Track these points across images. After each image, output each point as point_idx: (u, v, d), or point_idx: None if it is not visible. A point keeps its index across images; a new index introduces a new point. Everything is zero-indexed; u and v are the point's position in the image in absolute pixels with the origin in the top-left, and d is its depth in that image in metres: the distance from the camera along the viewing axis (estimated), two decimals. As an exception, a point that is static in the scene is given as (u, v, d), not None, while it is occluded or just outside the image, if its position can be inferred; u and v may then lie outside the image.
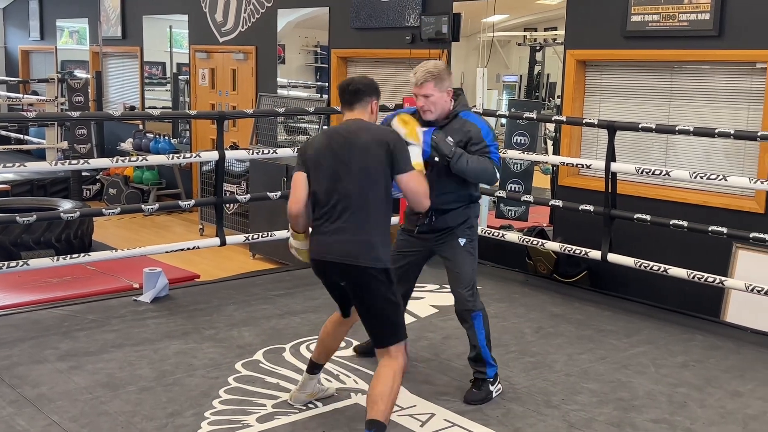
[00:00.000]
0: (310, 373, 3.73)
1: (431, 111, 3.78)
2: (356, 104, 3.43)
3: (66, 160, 5.85)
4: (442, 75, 3.78)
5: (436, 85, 3.75)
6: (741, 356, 4.57)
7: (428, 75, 3.75)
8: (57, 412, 3.61)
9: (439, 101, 3.78)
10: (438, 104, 3.78)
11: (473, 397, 3.83)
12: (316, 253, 3.37)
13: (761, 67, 5.11)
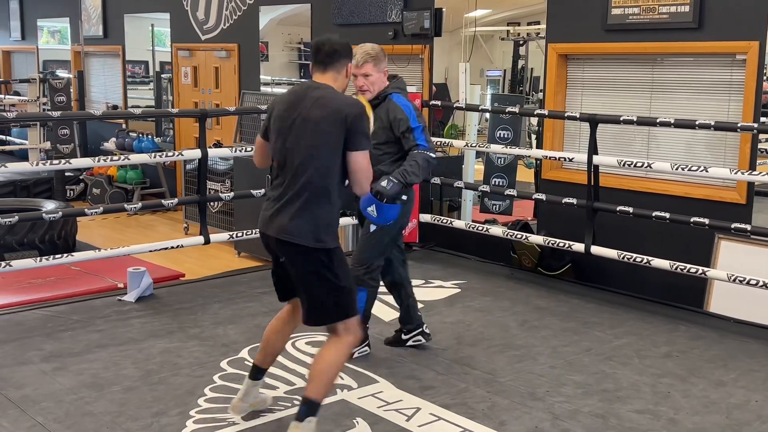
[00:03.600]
0: (254, 379, 3.53)
1: (370, 90, 4.04)
2: (330, 67, 3.30)
3: (48, 161, 5.81)
4: (379, 56, 4.05)
5: (375, 65, 4.02)
6: (724, 346, 4.60)
7: (367, 56, 4.00)
8: (41, 413, 3.59)
9: (377, 81, 4.05)
10: (376, 84, 4.05)
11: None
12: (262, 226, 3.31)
13: (741, 59, 5.14)
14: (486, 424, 3.56)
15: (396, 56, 7.14)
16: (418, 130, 4.04)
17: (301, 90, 3.30)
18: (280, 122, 3.26)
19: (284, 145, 3.22)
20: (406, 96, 4.15)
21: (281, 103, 3.30)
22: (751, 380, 4.11)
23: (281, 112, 3.27)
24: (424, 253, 6.59)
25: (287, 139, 3.21)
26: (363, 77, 4.01)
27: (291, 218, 3.17)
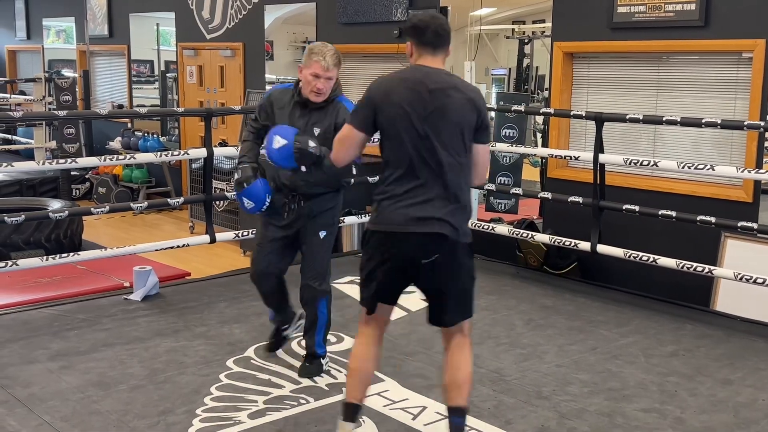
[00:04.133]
0: (352, 421, 3.09)
1: (325, 94, 3.78)
2: (439, 50, 2.96)
3: (54, 160, 5.82)
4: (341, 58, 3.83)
5: (338, 68, 3.82)
6: (731, 344, 4.59)
7: (337, 59, 3.76)
8: (48, 412, 3.60)
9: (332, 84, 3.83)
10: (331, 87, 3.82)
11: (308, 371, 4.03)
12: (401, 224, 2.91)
13: (747, 57, 5.13)
14: (492, 423, 3.56)
15: (401, 55, 7.13)
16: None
17: (420, 77, 2.93)
18: (405, 114, 2.88)
19: (419, 138, 2.88)
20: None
21: (396, 94, 2.90)
22: (758, 379, 4.10)
23: (404, 104, 2.88)
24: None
25: (424, 131, 2.88)
26: (327, 81, 3.72)
27: (446, 213, 2.91)
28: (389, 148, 2.95)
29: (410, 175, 2.91)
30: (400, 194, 2.92)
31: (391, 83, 2.96)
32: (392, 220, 2.93)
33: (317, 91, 3.73)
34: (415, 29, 2.97)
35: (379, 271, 3.00)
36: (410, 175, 2.91)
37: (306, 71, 3.72)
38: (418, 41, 2.96)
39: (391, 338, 4.60)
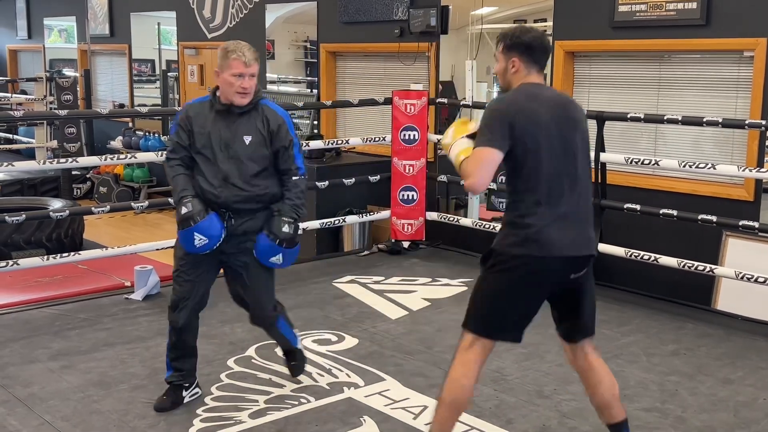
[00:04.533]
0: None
1: (251, 94, 3.43)
2: (543, 67, 2.97)
3: (55, 159, 5.82)
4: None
5: (258, 64, 3.46)
6: (732, 344, 4.59)
7: (255, 54, 3.44)
8: (49, 411, 3.60)
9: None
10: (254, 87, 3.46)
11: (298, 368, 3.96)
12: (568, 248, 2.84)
13: (748, 56, 5.12)
14: (493, 423, 3.55)
15: (402, 54, 7.13)
16: (298, 146, 3.53)
17: (549, 95, 2.95)
18: (544, 132, 2.81)
19: (563, 155, 2.84)
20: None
21: (534, 111, 2.82)
22: (758, 378, 4.10)
23: (537, 120, 2.82)
24: (430, 251, 6.58)
25: (565, 148, 2.85)
26: (251, 78, 3.39)
27: (590, 230, 2.92)
28: (531, 166, 2.81)
29: (555, 193, 2.83)
30: (549, 214, 2.82)
31: (525, 101, 2.86)
32: (547, 243, 2.80)
33: (243, 91, 3.36)
34: (527, 47, 2.92)
35: (527, 299, 2.89)
36: (555, 193, 2.83)
37: (226, 73, 3.36)
38: (529, 58, 2.92)
39: (392, 337, 4.61)
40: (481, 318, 2.91)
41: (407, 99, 6.40)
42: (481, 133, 2.83)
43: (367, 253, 6.54)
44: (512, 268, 2.84)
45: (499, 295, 2.88)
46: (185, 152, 3.48)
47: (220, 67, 3.39)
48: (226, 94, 3.40)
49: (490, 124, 2.82)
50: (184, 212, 3.39)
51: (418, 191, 6.48)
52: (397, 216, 6.53)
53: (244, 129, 3.42)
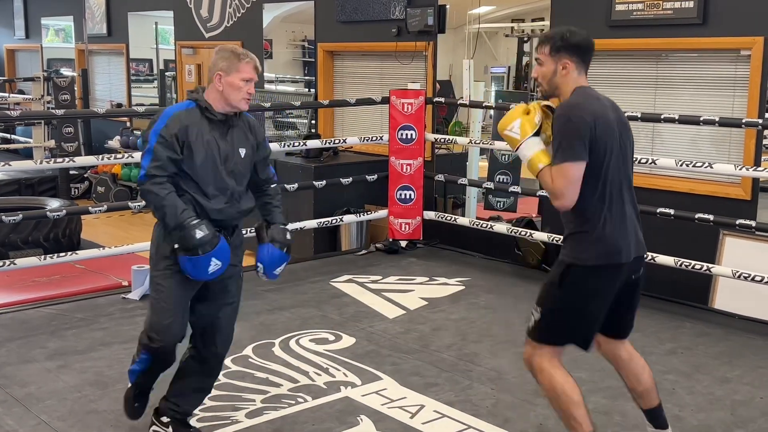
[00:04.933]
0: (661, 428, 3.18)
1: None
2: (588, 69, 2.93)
3: (52, 159, 5.81)
4: None
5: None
6: (729, 342, 4.59)
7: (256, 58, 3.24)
8: (46, 411, 3.60)
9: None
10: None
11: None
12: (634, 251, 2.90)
13: (745, 54, 5.12)
14: (490, 422, 3.56)
15: (400, 53, 7.13)
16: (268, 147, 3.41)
17: (605, 99, 2.94)
18: (614, 137, 2.82)
19: (623, 160, 2.87)
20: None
21: (603, 117, 2.81)
22: (756, 377, 4.10)
23: (611, 127, 2.82)
24: (428, 251, 6.58)
25: (624, 153, 2.88)
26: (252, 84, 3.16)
27: (640, 232, 2.98)
28: (603, 174, 2.79)
29: (620, 199, 2.86)
30: (617, 221, 2.84)
31: (599, 107, 2.82)
32: (622, 250, 2.85)
33: (248, 97, 3.14)
34: (579, 48, 2.87)
35: (596, 306, 2.90)
36: (620, 199, 2.86)
37: (234, 77, 3.09)
38: (581, 59, 2.88)
39: (389, 337, 4.61)
40: (558, 329, 2.93)
41: (404, 98, 6.40)
42: (564, 146, 2.74)
43: (365, 253, 6.54)
44: (588, 279, 2.86)
45: (576, 306, 2.90)
46: (174, 169, 3.07)
47: (225, 69, 3.10)
48: (228, 99, 3.11)
49: (572, 134, 2.74)
50: (200, 236, 3.02)
51: (416, 190, 6.48)
52: (394, 215, 6.53)
53: (239, 141, 3.20)
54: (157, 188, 3.05)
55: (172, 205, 3.05)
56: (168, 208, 3.05)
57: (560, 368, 2.91)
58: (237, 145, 3.18)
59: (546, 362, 2.91)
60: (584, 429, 2.88)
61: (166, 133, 3.03)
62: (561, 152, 2.75)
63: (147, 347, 3.20)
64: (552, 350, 2.92)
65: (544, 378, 2.92)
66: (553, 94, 2.94)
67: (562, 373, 2.90)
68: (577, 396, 2.88)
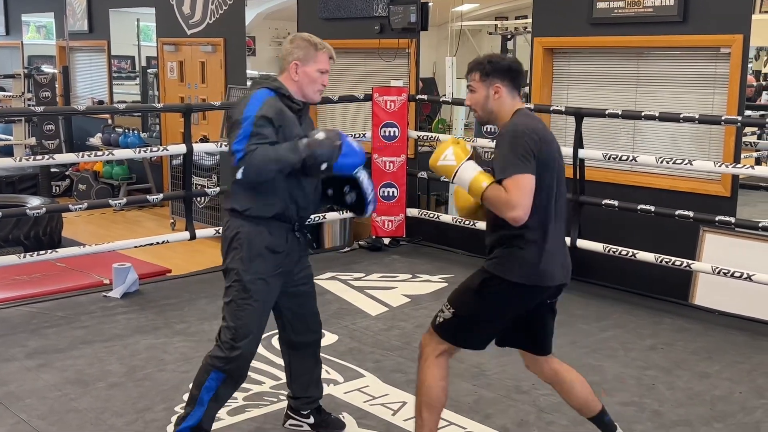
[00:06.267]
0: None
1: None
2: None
3: (32, 156, 5.77)
4: None
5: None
6: (709, 338, 4.63)
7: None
8: (25, 410, 3.57)
9: None
10: None
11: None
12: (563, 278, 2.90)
13: (725, 52, 5.16)
14: (472, 418, 3.57)
15: (382, 51, 7.13)
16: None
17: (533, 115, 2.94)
18: (556, 162, 2.84)
19: (559, 183, 2.86)
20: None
21: (547, 140, 2.82)
22: (735, 372, 4.14)
23: (553, 150, 2.84)
24: (411, 248, 6.59)
25: (560, 178, 2.87)
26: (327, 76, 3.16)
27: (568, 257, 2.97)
28: (543, 195, 2.78)
29: (555, 221, 2.85)
30: (550, 243, 2.83)
31: (537, 127, 2.82)
32: (552, 274, 2.85)
33: (322, 89, 3.12)
34: (510, 71, 2.88)
35: (506, 319, 2.94)
36: (555, 221, 2.85)
37: (311, 67, 3.02)
38: (511, 83, 2.89)
39: (372, 334, 4.61)
40: (463, 332, 2.94)
41: (387, 96, 6.40)
42: (513, 160, 2.71)
43: (348, 250, 6.54)
44: (508, 294, 2.86)
45: (488, 316, 2.92)
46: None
47: (302, 59, 3.00)
48: (304, 90, 3.03)
49: (520, 148, 2.72)
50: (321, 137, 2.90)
51: (399, 188, 6.49)
52: (377, 212, 6.53)
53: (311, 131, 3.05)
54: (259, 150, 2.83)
55: (281, 149, 2.86)
56: (281, 153, 2.85)
57: (443, 368, 2.94)
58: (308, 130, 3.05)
59: (433, 356, 2.93)
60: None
61: (264, 114, 2.88)
62: (512, 167, 2.72)
63: (225, 360, 2.99)
64: (448, 348, 2.95)
65: (423, 367, 2.94)
66: (489, 120, 2.95)
67: (438, 373, 2.92)
68: (437, 402, 2.92)
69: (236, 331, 2.98)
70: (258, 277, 2.98)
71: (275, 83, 3.03)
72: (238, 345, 2.97)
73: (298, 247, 3.12)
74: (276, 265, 3.01)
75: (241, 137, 2.84)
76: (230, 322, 2.99)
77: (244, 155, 2.82)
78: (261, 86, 3.03)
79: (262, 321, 3.06)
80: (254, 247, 2.97)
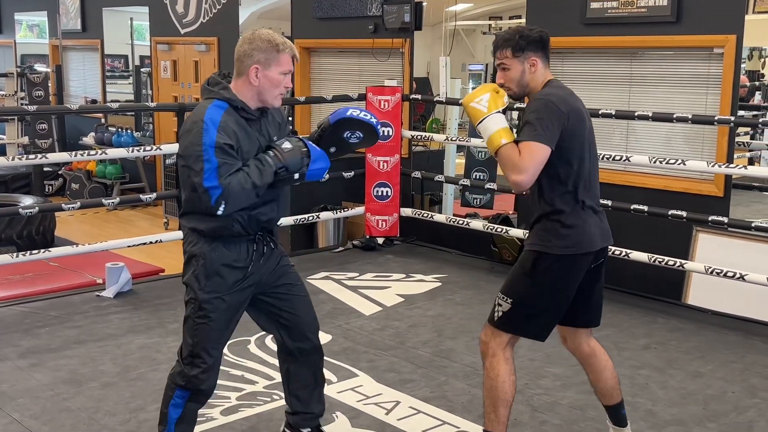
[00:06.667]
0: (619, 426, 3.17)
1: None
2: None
3: (24, 156, 5.75)
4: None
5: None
6: (702, 338, 4.64)
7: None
8: (18, 409, 3.56)
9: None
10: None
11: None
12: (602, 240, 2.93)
13: (718, 52, 5.17)
14: (465, 417, 3.56)
15: (376, 50, 7.13)
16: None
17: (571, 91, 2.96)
18: (586, 130, 2.87)
19: (591, 149, 2.90)
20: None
21: (576, 109, 2.85)
22: (728, 371, 4.15)
23: (583, 119, 2.87)
24: (404, 247, 6.59)
25: (592, 145, 2.90)
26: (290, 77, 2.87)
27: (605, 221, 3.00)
28: (575, 166, 2.82)
29: (590, 190, 2.89)
30: (587, 211, 2.88)
31: (568, 98, 2.84)
32: (592, 239, 2.88)
33: (284, 92, 2.84)
34: (541, 42, 2.87)
35: (563, 298, 2.92)
36: (590, 190, 2.89)
37: (273, 70, 2.75)
38: (544, 53, 2.89)
39: (366, 333, 4.61)
40: (526, 320, 2.93)
41: (381, 95, 6.40)
42: (535, 126, 2.73)
43: (342, 250, 6.53)
44: (558, 269, 2.87)
45: (546, 297, 2.91)
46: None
47: (263, 62, 2.73)
48: (264, 96, 2.77)
49: (544, 118, 2.73)
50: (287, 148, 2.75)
51: (393, 187, 6.49)
52: (371, 212, 6.53)
53: (272, 130, 2.88)
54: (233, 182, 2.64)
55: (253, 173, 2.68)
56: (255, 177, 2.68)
57: (510, 362, 2.93)
58: (271, 135, 2.86)
59: (501, 350, 2.91)
60: (498, 429, 2.91)
61: (224, 141, 2.65)
62: (532, 132, 2.73)
63: (185, 377, 2.88)
64: (511, 339, 2.94)
65: (493, 363, 2.92)
66: (524, 95, 2.94)
67: (509, 368, 2.91)
68: (509, 396, 2.90)
69: (193, 348, 2.86)
70: (214, 296, 2.82)
71: (226, 94, 2.74)
72: (196, 362, 2.86)
73: (270, 256, 2.93)
74: (236, 280, 2.84)
75: (209, 173, 2.62)
76: (188, 338, 2.88)
77: (222, 192, 2.63)
78: (211, 97, 2.76)
79: (220, 337, 2.90)
80: (211, 266, 2.81)
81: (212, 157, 2.62)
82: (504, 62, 2.89)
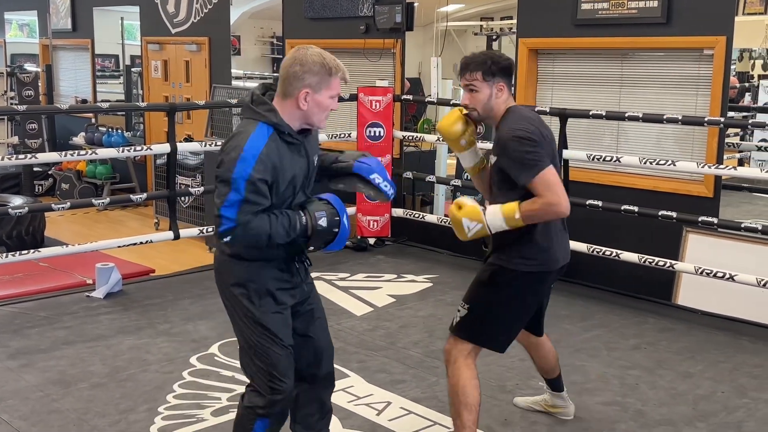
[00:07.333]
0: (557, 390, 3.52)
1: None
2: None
3: (14, 156, 5.73)
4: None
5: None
6: (692, 338, 4.65)
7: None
8: (7, 410, 3.54)
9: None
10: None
11: None
12: (564, 258, 3.05)
13: (708, 54, 5.19)
14: (456, 418, 3.56)
15: (368, 50, 7.13)
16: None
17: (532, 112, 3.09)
18: (553, 148, 2.98)
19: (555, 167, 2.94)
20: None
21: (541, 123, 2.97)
22: (717, 371, 4.16)
23: (551, 138, 2.99)
24: (396, 248, 6.59)
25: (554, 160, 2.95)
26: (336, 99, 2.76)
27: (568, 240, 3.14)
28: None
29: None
30: (555, 230, 2.99)
31: (534, 122, 2.93)
32: (556, 259, 3.00)
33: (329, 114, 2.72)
34: (509, 71, 2.96)
35: (523, 312, 3.05)
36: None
37: (323, 94, 2.60)
38: (510, 81, 2.98)
39: (357, 334, 4.61)
40: (481, 327, 2.99)
41: (372, 95, 6.40)
42: (529, 161, 2.81)
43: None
44: (525, 284, 2.97)
45: (503, 309, 2.99)
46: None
47: (314, 86, 2.59)
48: (310, 119, 2.63)
49: (530, 148, 2.82)
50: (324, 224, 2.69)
51: (384, 188, 6.47)
52: (362, 212, 6.53)
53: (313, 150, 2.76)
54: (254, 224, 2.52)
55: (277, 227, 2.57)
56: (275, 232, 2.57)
57: (472, 368, 2.97)
58: (311, 155, 2.73)
59: (462, 357, 2.97)
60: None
61: (260, 176, 2.50)
62: (530, 168, 2.82)
63: (267, 406, 2.70)
64: (472, 348, 3.00)
65: (454, 370, 2.97)
66: (487, 118, 3.01)
67: (470, 373, 2.96)
68: (472, 400, 2.93)
69: (270, 372, 2.69)
70: (267, 313, 2.68)
71: (273, 118, 2.57)
72: (278, 386, 2.69)
73: (304, 274, 2.85)
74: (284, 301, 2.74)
75: (231, 202, 2.50)
76: (260, 364, 2.70)
77: (235, 227, 2.51)
78: (257, 118, 2.59)
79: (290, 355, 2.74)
80: (259, 283, 2.68)
81: (241, 189, 2.49)
82: (473, 84, 2.95)
